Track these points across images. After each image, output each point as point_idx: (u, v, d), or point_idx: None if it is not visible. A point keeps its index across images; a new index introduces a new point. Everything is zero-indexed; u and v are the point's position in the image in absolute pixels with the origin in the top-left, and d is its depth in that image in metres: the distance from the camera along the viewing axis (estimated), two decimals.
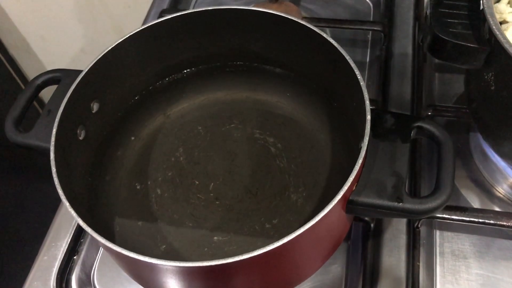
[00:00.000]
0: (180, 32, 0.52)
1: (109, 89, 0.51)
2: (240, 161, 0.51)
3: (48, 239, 0.55)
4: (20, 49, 1.22)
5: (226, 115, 0.55)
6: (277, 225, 0.47)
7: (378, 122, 0.42)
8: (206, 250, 0.46)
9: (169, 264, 0.35)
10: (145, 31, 0.50)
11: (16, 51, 1.23)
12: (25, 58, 1.25)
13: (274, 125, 0.53)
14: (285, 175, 0.50)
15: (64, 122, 0.43)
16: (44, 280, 0.52)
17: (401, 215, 0.38)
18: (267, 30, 0.51)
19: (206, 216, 0.48)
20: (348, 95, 0.47)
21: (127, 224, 0.48)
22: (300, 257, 0.40)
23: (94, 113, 0.49)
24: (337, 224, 0.41)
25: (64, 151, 0.43)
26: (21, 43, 1.20)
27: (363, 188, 0.38)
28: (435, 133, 0.41)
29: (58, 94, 0.47)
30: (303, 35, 0.49)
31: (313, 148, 0.51)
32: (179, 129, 0.54)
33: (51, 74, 0.49)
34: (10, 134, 0.46)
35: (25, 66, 1.27)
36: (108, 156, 0.52)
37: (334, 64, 0.47)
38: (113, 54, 0.48)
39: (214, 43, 0.54)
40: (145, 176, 0.51)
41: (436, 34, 0.45)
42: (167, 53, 0.54)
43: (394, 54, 0.66)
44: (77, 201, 0.43)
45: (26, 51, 1.23)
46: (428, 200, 0.38)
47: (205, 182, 0.50)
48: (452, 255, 0.50)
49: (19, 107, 0.47)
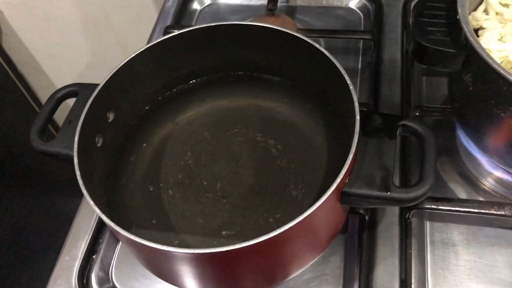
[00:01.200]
0: (187, 46, 0.57)
1: (123, 100, 0.55)
2: (244, 163, 0.56)
3: (69, 240, 0.59)
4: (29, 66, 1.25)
5: (230, 121, 0.59)
6: (279, 219, 0.51)
7: (367, 121, 0.46)
8: (216, 243, 0.50)
9: (185, 251, 0.39)
10: (154, 46, 0.54)
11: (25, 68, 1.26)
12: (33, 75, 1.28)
13: (274, 129, 0.58)
14: (286, 173, 0.54)
15: (84, 131, 0.48)
16: (66, 278, 0.56)
17: (390, 203, 0.43)
18: (265, 42, 0.56)
19: (215, 213, 0.52)
20: (340, 99, 0.51)
21: (143, 223, 0.53)
22: (300, 245, 0.45)
23: (110, 122, 0.54)
24: (333, 214, 0.45)
25: (85, 157, 0.48)
26: (30, 60, 1.23)
27: (355, 180, 0.43)
28: (418, 130, 0.45)
29: (77, 105, 0.52)
30: (298, 46, 0.53)
31: (310, 148, 0.56)
32: (187, 135, 0.59)
33: (69, 88, 0.54)
34: (36, 144, 0.50)
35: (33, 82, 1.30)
36: (123, 161, 0.56)
37: (327, 71, 0.51)
38: (125, 69, 0.53)
39: (217, 55, 0.59)
40: (157, 179, 0.56)
41: (418, 41, 0.50)
42: (175, 66, 0.58)
43: (384, 60, 0.70)
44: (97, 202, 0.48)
45: (35, 68, 1.26)
46: (413, 189, 0.42)
47: (212, 182, 0.55)
48: (442, 244, 0.54)
49: (42, 119, 0.52)
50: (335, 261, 0.54)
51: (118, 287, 0.56)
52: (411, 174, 0.58)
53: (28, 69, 1.27)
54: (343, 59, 0.73)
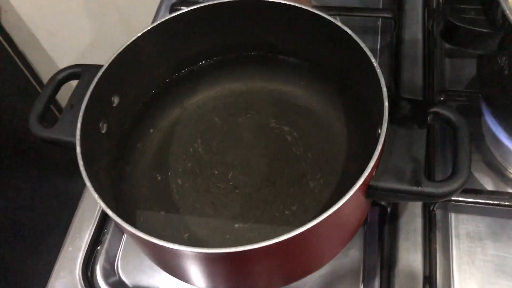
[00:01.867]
0: (195, 25, 0.53)
1: (128, 83, 0.52)
2: (257, 151, 0.52)
3: (72, 230, 0.56)
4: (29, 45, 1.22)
5: (242, 106, 0.56)
6: (296, 212, 0.48)
7: (394, 108, 0.43)
8: (228, 237, 0.47)
9: (195, 250, 0.36)
10: (161, 25, 0.50)
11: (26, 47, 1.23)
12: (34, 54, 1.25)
13: (290, 114, 0.54)
14: (302, 163, 0.51)
15: (87, 116, 0.44)
16: (69, 270, 0.53)
17: (419, 199, 0.39)
18: (280, 20, 0.52)
19: (227, 204, 0.49)
20: (363, 82, 0.47)
21: (150, 214, 0.49)
22: (321, 242, 0.41)
23: (114, 107, 0.50)
24: (357, 209, 0.42)
25: (89, 145, 0.45)
26: (30, 38, 1.21)
27: (382, 173, 0.39)
28: (451, 118, 0.42)
29: (80, 89, 0.48)
30: (316, 24, 0.49)
31: (328, 136, 0.52)
32: (196, 121, 0.55)
33: (71, 70, 0.50)
34: (35, 129, 0.47)
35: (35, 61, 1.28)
36: (128, 148, 0.53)
37: (348, 52, 0.47)
38: (131, 49, 0.49)
39: (228, 34, 0.55)
40: (166, 167, 0.52)
41: (449, 20, 0.46)
42: (183, 46, 0.55)
43: (404, 40, 0.66)
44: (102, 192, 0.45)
45: (35, 47, 1.23)
46: (446, 183, 0.39)
47: (224, 171, 0.51)
48: (468, 237, 0.51)
49: (42, 103, 0.48)
50: (354, 255, 0.52)
51: (124, 279, 0.53)
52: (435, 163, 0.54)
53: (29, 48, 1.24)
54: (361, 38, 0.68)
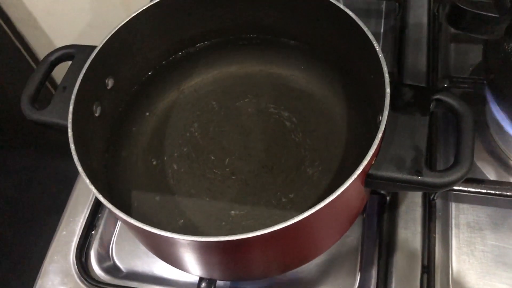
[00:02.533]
0: (192, 5, 0.51)
1: (123, 64, 0.50)
2: (255, 136, 0.51)
3: (66, 215, 0.55)
4: (27, 24, 1.21)
5: (240, 89, 0.54)
6: (293, 199, 0.47)
7: (397, 95, 0.41)
8: (224, 224, 0.46)
9: (188, 238, 0.35)
10: (157, 5, 0.49)
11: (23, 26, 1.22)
12: (32, 34, 1.24)
13: (289, 99, 0.53)
14: (301, 149, 0.50)
15: (80, 98, 0.43)
16: (63, 255, 0.53)
17: (420, 188, 0.38)
18: (280, 2, 0.51)
19: (223, 190, 0.48)
20: (365, 67, 0.46)
21: (145, 199, 0.49)
22: (318, 231, 0.41)
23: (109, 89, 0.49)
24: (356, 198, 0.41)
25: (81, 128, 0.44)
26: (28, 17, 1.19)
27: (382, 162, 0.38)
28: (455, 106, 0.40)
29: (73, 70, 0.47)
30: (318, 6, 0.48)
31: (328, 122, 0.51)
32: (193, 104, 0.54)
33: (64, 50, 0.49)
34: (27, 112, 0.46)
35: (32, 41, 1.26)
36: (123, 132, 0.52)
37: (350, 35, 0.46)
38: (126, 29, 0.48)
39: (227, 16, 0.53)
40: (161, 152, 0.51)
41: (455, 4, 0.44)
42: (180, 27, 0.53)
43: (408, 24, 0.64)
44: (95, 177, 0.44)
45: (33, 26, 1.22)
46: (448, 173, 0.37)
47: (220, 157, 0.50)
48: (468, 227, 0.50)
49: (34, 84, 0.47)
50: (352, 244, 0.51)
51: (119, 265, 0.53)
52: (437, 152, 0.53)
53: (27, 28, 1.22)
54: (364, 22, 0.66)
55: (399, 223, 0.50)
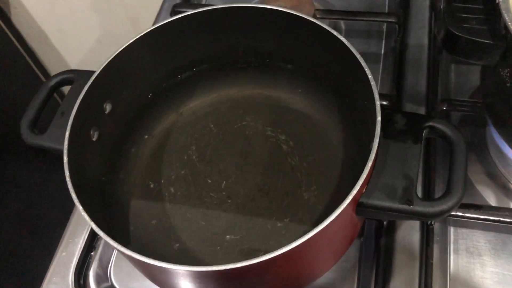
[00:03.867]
0: (191, 30, 0.52)
1: (122, 89, 0.51)
2: (252, 159, 0.51)
3: (66, 236, 0.56)
4: (38, 41, 1.23)
5: (238, 112, 0.55)
6: (288, 224, 0.47)
7: (389, 122, 0.41)
8: (219, 249, 0.46)
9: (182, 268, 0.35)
10: (156, 30, 0.49)
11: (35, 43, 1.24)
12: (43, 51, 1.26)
13: (286, 122, 0.53)
14: (297, 173, 0.50)
15: (77, 124, 0.44)
16: (62, 276, 0.53)
17: (411, 218, 0.38)
18: (279, 28, 0.51)
19: (219, 215, 0.48)
20: (358, 93, 0.46)
21: (141, 223, 0.49)
22: (311, 258, 0.40)
23: (107, 114, 0.49)
24: (348, 225, 0.41)
25: (78, 153, 0.44)
26: (40, 35, 1.21)
27: (373, 190, 0.38)
28: (447, 133, 0.40)
29: (72, 95, 0.48)
30: (315, 32, 0.48)
31: (325, 145, 0.51)
32: (191, 127, 0.55)
33: (64, 75, 0.50)
34: (26, 136, 0.46)
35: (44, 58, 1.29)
36: (122, 154, 0.52)
37: (346, 62, 0.46)
38: (125, 55, 0.48)
39: (225, 40, 0.54)
40: (159, 175, 0.52)
41: (448, 30, 0.44)
42: (179, 51, 0.54)
43: (409, 46, 0.64)
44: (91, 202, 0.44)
45: (45, 44, 1.24)
46: (439, 203, 0.37)
47: (217, 180, 0.50)
48: (467, 253, 0.49)
49: (34, 109, 0.48)
50: (348, 268, 0.50)
51: (117, 286, 0.53)
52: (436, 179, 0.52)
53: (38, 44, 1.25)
54: (365, 43, 0.67)
55: (397, 248, 0.49)
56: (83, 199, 0.40)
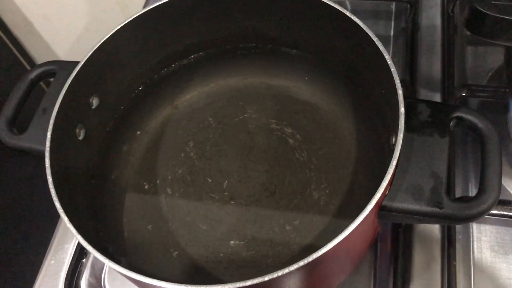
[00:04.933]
0: (185, 14, 0.47)
1: (110, 81, 0.46)
2: (255, 155, 0.47)
3: (55, 242, 0.52)
4: (23, 29, 1.18)
5: (239, 104, 0.50)
6: (298, 227, 0.43)
7: (412, 113, 0.37)
8: (222, 255, 0.42)
9: None
10: (146, 14, 0.45)
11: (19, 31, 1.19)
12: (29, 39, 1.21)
13: (292, 114, 0.49)
14: (306, 170, 0.45)
15: (60, 122, 0.39)
16: (51, 286, 0.49)
17: (441, 222, 0.34)
18: (282, 8, 0.46)
19: (221, 217, 0.44)
20: (375, 81, 0.41)
21: (136, 229, 0.45)
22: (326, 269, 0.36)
23: (94, 109, 0.45)
24: (368, 231, 0.37)
25: (63, 154, 0.40)
26: (24, 23, 1.16)
27: (397, 192, 0.34)
28: (478, 125, 0.36)
29: (53, 90, 0.43)
30: (322, 13, 0.44)
31: (335, 139, 0.46)
32: (188, 121, 0.50)
33: (45, 67, 0.45)
34: (3, 136, 0.42)
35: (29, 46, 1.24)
36: (112, 153, 0.48)
37: (358, 45, 0.41)
38: (112, 43, 0.44)
39: (223, 24, 0.49)
40: (154, 174, 0.47)
41: (475, 7, 0.40)
42: (172, 38, 0.49)
43: (421, 26, 0.60)
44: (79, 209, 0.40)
45: (30, 32, 1.19)
46: (472, 204, 0.33)
47: (218, 179, 0.46)
48: (492, 251, 0.46)
49: (13, 106, 0.43)
50: (364, 271, 0.47)
51: None
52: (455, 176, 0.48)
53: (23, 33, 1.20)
54: (372, 24, 0.63)
55: (415, 248, 0.46)
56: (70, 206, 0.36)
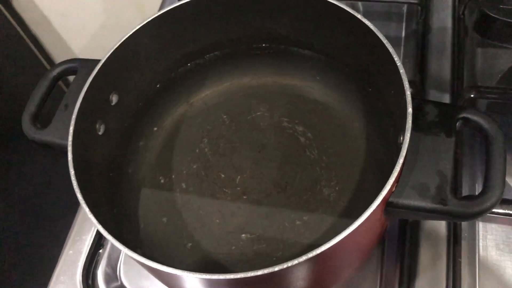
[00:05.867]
0: (201, 15, 0.48)
1: (129, 79, 0.48)
2: (267, 152, 0.48)
3: (73, 233, 0.53)
4: (41, 26, 1.20)
5: (252, 102, 0.52)
6: (308, 222, 0.44)
7: (419, 113, 0.38)
8: (234, 248, 0.44)
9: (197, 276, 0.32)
10: (162, 16, 0.46)
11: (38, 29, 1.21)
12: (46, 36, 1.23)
13: (304, 112, 0.50)
14: (316, 167, 0.47)
15: (81, 118, 0.41)
16: (70, 275, 0.51)
17: (445, 218, 0.35)
18: (295, 10, 0.47)
19: (233, 212, 0.46)
20: (385, 82, 0.43)
21: (152, 221, 0.46)
22: (334, 263, 0.38)
23: (113, 106, 0.47)
24: (375, 227, 0.38)
25: (83, 149, 0.41)
26: (42, 20, 1.18)
27: (404, 189, 0.35)
28: (483, 125, 0.37)
29: (75, 86, 0.45)
30: (334, 15, 0.45)
31: (346, 137, 0.48)
32: (203, 118, 0.52)
33: (67, 65, 0.47)
34: (28, 131, 0.44)
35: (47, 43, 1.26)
36: (130, 148, 0.50)
37: (369, 47, 0.42)
38: (131, 42, 0.45)
39: (237, 25, 0.50)
40: (169, 169, 0.49)
41: (483, 11, 0.41)
42: (188, 38, 0.50)
43: (432, 28, 0.61)
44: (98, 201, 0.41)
45: (47, 29, 1.21)
46: (476, 202, 0.34)
47: (231, 175, 0.48)
48: (497, 250, 0.47)
49: (36, 102, 0.45)
50: (371, 267, 0.48)
51: (127, 285, 0.51)
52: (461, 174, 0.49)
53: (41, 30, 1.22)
54: (384, 26, 0.64)
55: (422, 245, 0.47)
56: (89, 198, 0.37)
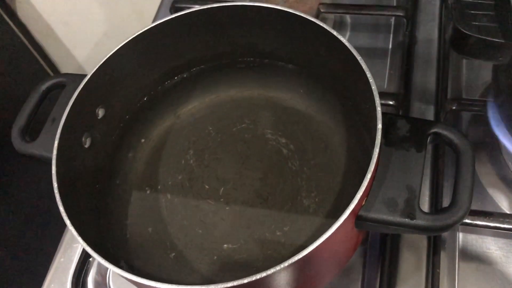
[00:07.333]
0: (187, 30, 0.50)
1: (115, 92, 0.49)
2: (251, 164, 0.49)
3: (65, 241, 0.55)
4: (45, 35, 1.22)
5: (237, 114, 0.53)
6: (288, 233, 0.45)
7: (391, 128, 0.39)
8: (216, 258, 0.45)
9: None
10: (150, 31, 0.48)
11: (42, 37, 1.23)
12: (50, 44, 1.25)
13: (287, 124, 0.51)
14: (297, 178, 0.48)
15: (67, 131, 0.42)
16: (60, 283, 0.52)
17: (413, 232, 0.36)
18: (278, 27, 0.48)
19: (216, 222, 0.47)
20: (360, 96, 0.44)
21: (137, 230, 0.47)
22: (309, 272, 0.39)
23: (100, 119, 0.48)
24: (348, 238, 0.39)
25: (69, 161, 0.43)
26: (46, 29, 1.20)
27: (373, 203, 0.36)
28: (453, 140, 0.38)
29: (63, 101, 0.46)
30: (315, 32, 0.45)
31: (327, 149, 0.49)
32: (189, 130, 0.53)
33: (55, 79, 0.48)
34: (16, 144, 0.45)
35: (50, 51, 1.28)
36: (117, 160, 0.51)
37: (345, 62, 0.43)
38: (117, 57, 0.47)
39: (223, 41, 0.52)
40: (155, 180, 0.50)
41: (457, 28, 0.42)
42: (174, 52, 0.52)
43: (418, 40, 0.61)
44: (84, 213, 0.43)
45: (51, 37, 1.23)
46: (443, 216, 0.35)
47: (215, 186, 0.49)
48: (477, 260, 0.47)
49: (25, 115, 0.47)
50: (353, 275, 0.49)
51: None
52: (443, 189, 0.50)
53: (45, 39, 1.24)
54: (372, 37, 0.65)
55: (402, 256, 0.48)
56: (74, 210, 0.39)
